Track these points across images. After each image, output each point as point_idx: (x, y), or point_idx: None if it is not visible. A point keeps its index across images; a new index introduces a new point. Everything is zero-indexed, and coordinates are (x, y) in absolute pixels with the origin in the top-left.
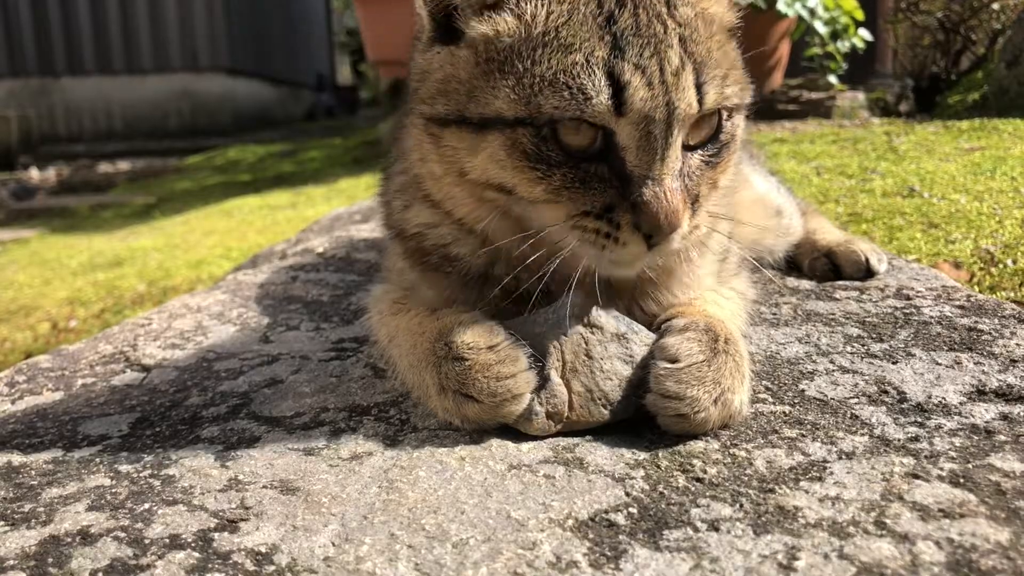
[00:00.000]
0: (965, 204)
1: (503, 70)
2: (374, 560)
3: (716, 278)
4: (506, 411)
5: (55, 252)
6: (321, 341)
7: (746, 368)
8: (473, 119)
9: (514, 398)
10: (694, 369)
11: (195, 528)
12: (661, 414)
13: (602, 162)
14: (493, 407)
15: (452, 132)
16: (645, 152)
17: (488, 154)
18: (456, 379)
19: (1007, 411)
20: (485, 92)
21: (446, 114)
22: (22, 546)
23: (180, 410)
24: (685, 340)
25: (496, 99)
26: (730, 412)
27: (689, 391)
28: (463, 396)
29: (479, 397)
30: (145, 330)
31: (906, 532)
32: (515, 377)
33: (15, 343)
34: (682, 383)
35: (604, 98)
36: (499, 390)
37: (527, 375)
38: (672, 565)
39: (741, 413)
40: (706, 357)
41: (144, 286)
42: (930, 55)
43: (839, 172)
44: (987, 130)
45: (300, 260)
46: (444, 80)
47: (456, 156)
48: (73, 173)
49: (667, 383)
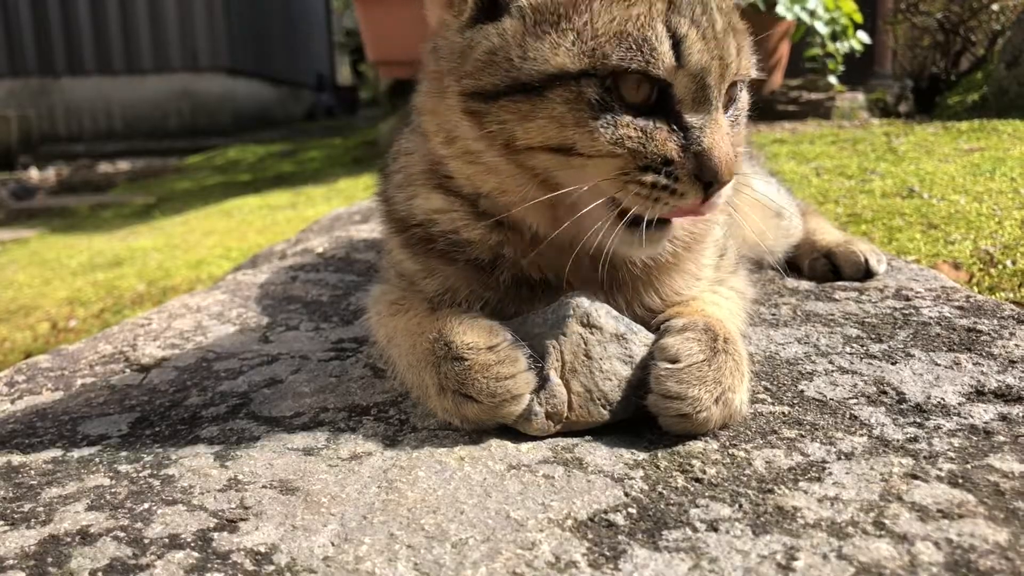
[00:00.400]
0: (964, 205)
1: (560, 28)
2: (373, 560)
3: (715, 272)
4: (505, 411)
5: (55, 252)
6: (321, 341)
7: (745, 367)
8: (532, 81)
9: (513, 399)
10: (695, 369)
11: (194, 528)
12: (663, 414)
13: (660, 115)
14: (492, 407)
15: (502, 103)
16: (701, 104)
17: (548, 113)
18: (456, 379)
19: (1006, 412)
20: (543, 52)
21: (496, 84)
22: (22, 546)
23: (180, 410)
24: (685, 340)
25: (557, 55)
26: (731, 411)
27: (691, 391)
28: (462, 396)
29: (478, 397)
30: (145, 330)
31: (905, 532)
32: (515, 378)
33: (15, 343)
34: (683, 383)
35: (666, 48)
36: (498, 390)
37: (526, 376)
38: (671, 565)
39: (741, 412)
40: (706, 356)
41: (144, 286)
42: (930, 56)
43: (838, 173)
44: (986, 131)
45: (300, 260)
46: (491, 52)
47: (505, 127)
48: (73, 173)
49: (668, 383)
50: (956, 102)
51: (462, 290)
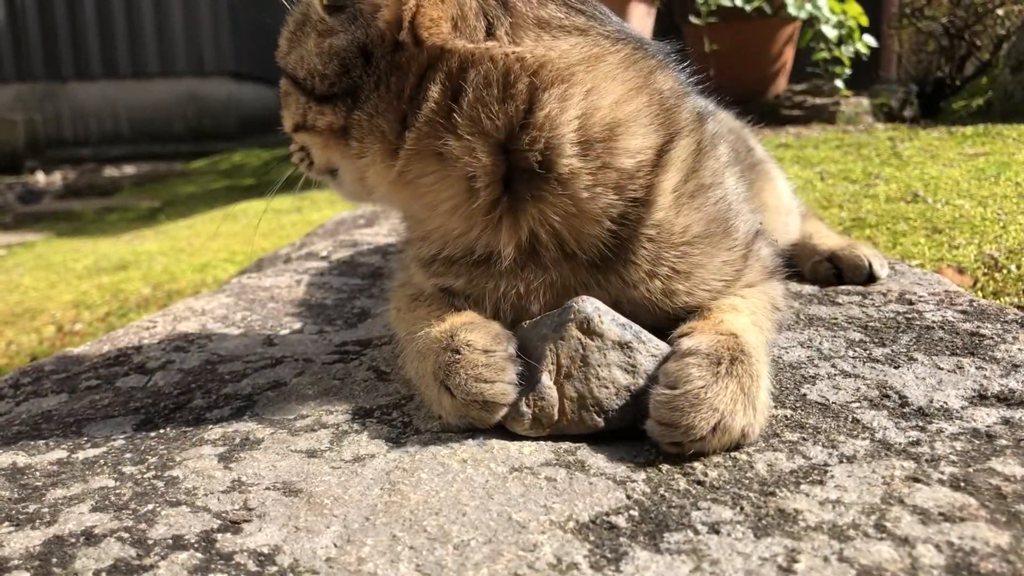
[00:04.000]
0: (969, 209)
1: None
2: (376, 561)
3: (737, 272)
4: (475, 415)
5: (61, 256)
6: (325, 344)
7: (758, 387)
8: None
9: (485, 404)
10: (691, 396)
11: (198, 529)
12: (659, 441)
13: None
14: (464, 405)
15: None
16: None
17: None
18: (444, 369)
19: (1009, 415)
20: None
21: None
22: (26, 546)
23: (184, 412)
24: (685, 365)
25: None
26: (731, 438)
27: (684, 419)
28: (444, 387)
29: (455, 392)
30: (149, 333)
31: (906, 535)
32: (492, 384)
33: (20, 346)
34: (677, 411)
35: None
36: (472, 390)
37: (505, 387)
38: (672, 567)
39: (748, 437)
40: (706, 383)
41: (149, 289)
42: (934, 60)
43: (843, 177)
44: (991, 135)
45: (304, 264)
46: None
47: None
48: (79, 177)
49: (662, 411)
50: (961, 107)
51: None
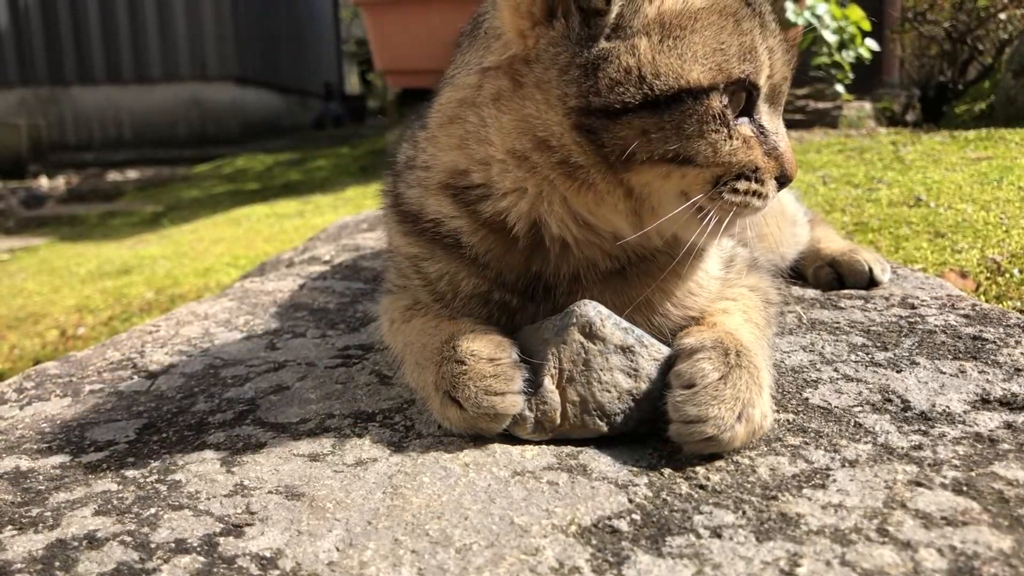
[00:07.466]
0: (972, 213)
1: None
2: (378, 565)
3: (724, 280)
4: (484, 426)
5: (64, 260)
6: (327, 348)
7: (763, 377)
8: (662, 96)
9: (495, 416)
10: (711, 388)
11: (201, 533)
12: (687, 441)
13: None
14: (474, 418)
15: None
16: (775, 111)
17: (675, 126)
18: (450, 380)
19: (1011, 420)
20: (674, 68)
21: (627, 102)
22: (29, 550)
23: (187, 416)
24: (697, 362)
25: (691, 71)
26: (754, 427)
27: (711, 411)
28: (450, 399)
29: (464, 404)
30: (153, 337)
31: (908, 539)
32: (503, 396)
33: (24, 350)
34: (702, 405)
35: (766, 60)
36: (484, 403)
37: (515, 399)
38: (674, 571)
39: (763, 427)
40: (722, 374)
41: (152, 294)
42: (937, 65)
43: (845, 181)
44: (994, 140)
45: (307, 268)
46: (626, 70)
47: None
48: (82, 181)
49: (687, 407)
50: (963, 111)
51: (462, 275)
